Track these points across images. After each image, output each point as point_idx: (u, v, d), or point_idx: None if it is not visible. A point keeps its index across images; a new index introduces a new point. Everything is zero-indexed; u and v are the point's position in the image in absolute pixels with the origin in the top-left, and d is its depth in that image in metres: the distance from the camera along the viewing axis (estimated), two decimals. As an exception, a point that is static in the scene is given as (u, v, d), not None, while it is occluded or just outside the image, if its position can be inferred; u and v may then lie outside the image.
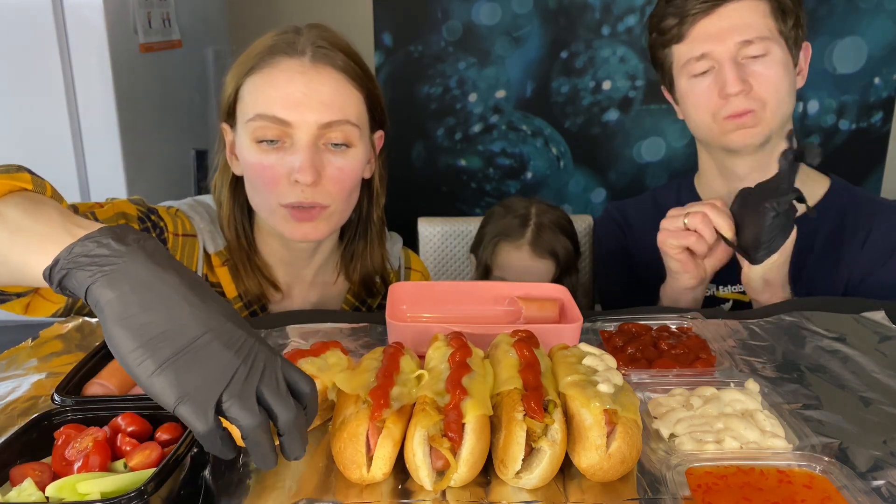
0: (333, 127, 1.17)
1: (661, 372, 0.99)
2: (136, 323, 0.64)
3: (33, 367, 1.03)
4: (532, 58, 2.94)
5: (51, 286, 0.70)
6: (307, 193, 1.18)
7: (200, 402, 0.63)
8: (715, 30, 1.37)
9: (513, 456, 0.73)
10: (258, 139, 1.17)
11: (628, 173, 3.06)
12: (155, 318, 0.65)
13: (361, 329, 1.18)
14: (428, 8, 2.90)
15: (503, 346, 0.89)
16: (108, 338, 0.65)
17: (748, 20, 1.36)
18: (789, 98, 1.41)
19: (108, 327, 0.65)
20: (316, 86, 1.16)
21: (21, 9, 1.67)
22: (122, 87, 1.75)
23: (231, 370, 0.65)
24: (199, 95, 2.28)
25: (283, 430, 0.67)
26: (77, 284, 0.68)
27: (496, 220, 1.91)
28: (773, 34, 1.38)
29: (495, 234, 1.88)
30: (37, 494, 0.68)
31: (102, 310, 0.65)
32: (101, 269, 0.67)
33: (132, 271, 0.67)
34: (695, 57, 1.40)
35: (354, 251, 1.38)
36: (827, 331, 1.15)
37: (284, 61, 1.17)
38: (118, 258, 0.67)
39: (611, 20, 2.88)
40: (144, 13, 1.86)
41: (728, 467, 0.76)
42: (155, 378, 0.63)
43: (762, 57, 1.37)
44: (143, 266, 0.67)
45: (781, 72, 1.39)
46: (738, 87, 1.35)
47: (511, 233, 1.84)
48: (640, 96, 2.95)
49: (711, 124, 1.44)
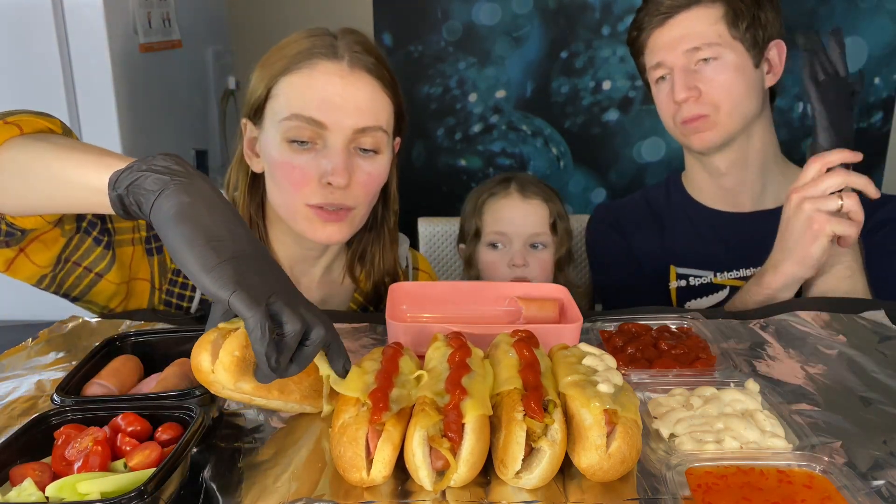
0: (367, 132, 1.19)
1: (661, 372, 0.99)
2: (204, 223, 0.74)
3: (33, 367, 1.02)
4: (532, 58, 2.94)
5: (111, 192, 0.80)
6: (336, 195, 1.19)
7: (254, 294, 0.70)
8: (667, 39, 1.47)
9: (513, 456, 0.73)
10: (290, 139, 1.18)
11: (628, 173, 3.06)
12: (220, 225, 0.75)
13: (361, 329, 1.18)
14: (428, 8, 2.89)
15: (503, 346, 0.89)
16: (174, 237, 0.73)
17: (697, 28, 1.44)
18: (748, 99, 1.46)
19: (177, 225, 0.73)
20: (353, 91, 1.18)
21: (21, 9, 1.67)
22: (122, 87, 1.75)
23: (280, 284, 0.75)
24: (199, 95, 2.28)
25: (316, 339, 0.75)
26: (150, 188, 0.77)
27: (475, 193, 1.86)
28: (723, 39, 1.44)
29: (478, 198, 1.82)
30: (37, 494, 0.68)
31: (174, 210, 0.74)
32: (176, 179, 0.77)
33: (201, 187, 0.78)
34: (652, 65, 1.51)
35: (365, 253, 1.39)
36: (827, 331, 1.15)
37: (323, 63, 1.18)
38: (188, 175, 0.78)
39: (611, 20, 2.88)
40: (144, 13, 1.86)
41: (728, 467, 0.76)
42: (217, 269, 0.71)
43: (712, 61, 1.44)
44: (210, 187, 0.79)
45: (733, 75, 1.44)
46: (683, 93, 1.44)
47: (496, 190, 1.80)
48: (640, 96, 2.95)
49: (674, 128, 1.53)
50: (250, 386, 0.79)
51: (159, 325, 1.16)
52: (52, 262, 1.11)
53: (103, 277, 1.18)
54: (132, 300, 1.25)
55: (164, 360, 0.92)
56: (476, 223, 1.81)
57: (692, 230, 1.61)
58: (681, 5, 1.44)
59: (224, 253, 0.72)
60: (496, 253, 1.76)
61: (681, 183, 1.68)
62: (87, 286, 1.18)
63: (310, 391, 0.88)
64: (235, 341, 0.78)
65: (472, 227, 1.82)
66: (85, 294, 1.19)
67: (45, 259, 1.10)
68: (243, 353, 0.78)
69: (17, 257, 1.07)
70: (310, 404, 0.88)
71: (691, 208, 1.63)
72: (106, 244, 1.17)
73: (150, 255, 1.25)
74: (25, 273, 1.10)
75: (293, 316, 0.73)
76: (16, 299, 1.57)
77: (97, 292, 1.19)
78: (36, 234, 1.07)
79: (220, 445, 0.84)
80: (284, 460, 0.81)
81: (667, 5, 1.46)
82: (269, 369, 0.72)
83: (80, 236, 1.13)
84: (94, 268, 1.16)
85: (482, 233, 1.79)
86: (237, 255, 0.73)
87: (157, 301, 1.28)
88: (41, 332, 1.14)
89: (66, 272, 1.14)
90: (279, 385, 0.83)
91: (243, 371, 0.78)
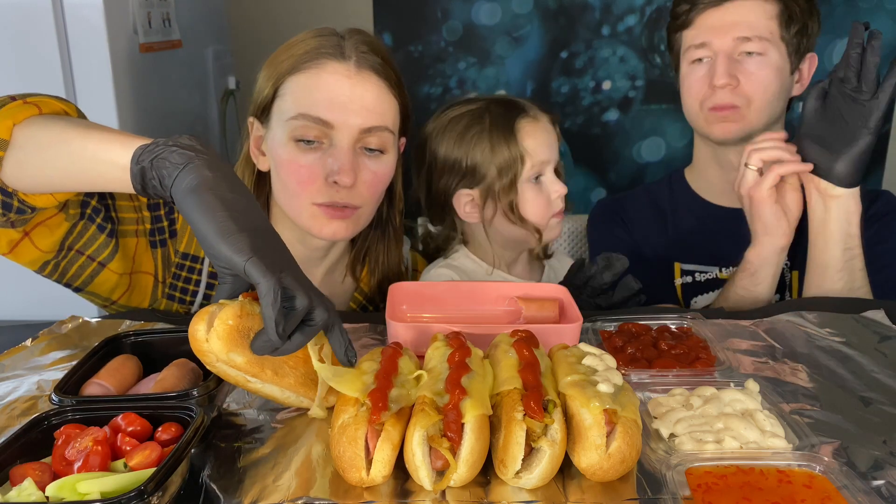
0: (373, 132, 1.20)
1: (661, 372, 0.99)
2: (226, 196, 0.77)
3: (33, 367, 1.02)
4: (532, 58, 2.93)
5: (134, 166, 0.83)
6: (342, 194, 1.20)
7: (269, 264, 0.74)
8: (719, 22, 1.44)
9: (512, 456, 0.73)
10: (297, 138, 1.19)
11: (628, 173, 3.06)
12: (240, 199, 0.78)
13: (361, 329, 1.18)
14: (428, 8, 2.89)
15: (503, 346, 0.89)
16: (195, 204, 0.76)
17: (751, 19, 1.43)
18: (777, 101, 1.46)
19: (200, 194, 0.76)
20: (360, 91, 1.19)
21: (21, 9, 1.66)
22: (122, 87, 1.75)
23: (293, 262, 0.80)
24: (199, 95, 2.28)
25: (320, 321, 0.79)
26: (176, 162, 0.80)
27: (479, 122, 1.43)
28: (773, 37, 1.43)
29: (508, 123, 1.40)
30: (37, 494, 0.68)
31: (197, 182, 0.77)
32: (199, 156, 0.80)
33: (220, 165, 0.81)
34: (695, 44, 1.48)
35: (369, 251, 1.40)
36: (827, 331, 1.15)
37: (331, 64, 1.19)
38: (209, 154, 0.81)
39: (611, 20, 2.88)
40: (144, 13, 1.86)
41: (728, 467, 0.76)
42: (235, 236, 0.74)
43: (757, 56, 1.43)
44: (228, 166, 0.82)
45: (773, 74, 1.44)
46: (724, 79, 1.42)
47: (527, 109, 1.44)
48: (640, 96, 2.95)
49: (698, 112, 1.51)
50: (243, 359, 0.80)
51: (159, 324, 1.16)
52: (56, 248, 1.12)
53: (106, 267, 1.18)
54: (135, 293, 1.25)
55: (163, 360, 0.92)
56: (515, 152, 1.39)
57: (697, 225, 1.62)
58: None
59: (243, 224, 0.75)
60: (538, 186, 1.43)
61: (684, 179, 1.68)
62: (90, 276, 1.18)
63: (305, 379, 0.87)
64: (230, 310, 0.79)
65: (506, 161, 1.39)
66: (87, 284, 1.19)
67: (49, 244, 1.11)
68: (237, 322, 0.79)
69: (21, 240, 1.07)
70: (304, 394, 0.88)
71: (695, 203, 1.64)
72: (109, 231, 1.17)
73: (154, 248, 1.25)
74: (28, 257, 1.11)
75: (302, 291, 0.76)
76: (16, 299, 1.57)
77: (99, 283, 1.19)
78: (41, 219, 1.07)
79: (220, 445, 0.84)
80: (284, 460, 0.81)
81: None
82: (275, 335, 0.74)
83: (84, 223, 1.14)
84: (97, 256, 1.17)
85: (525, 164, 1.40)
86: (255, 229, 0.76)
87: (161, 294, 1.28)
88: (41, 332, 1.14)
89: (69, 260, 1.15)
90: (273, 365, 0.83)
91: (237, 342, 0.79)
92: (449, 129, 1.45)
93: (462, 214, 1.46)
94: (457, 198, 1.45)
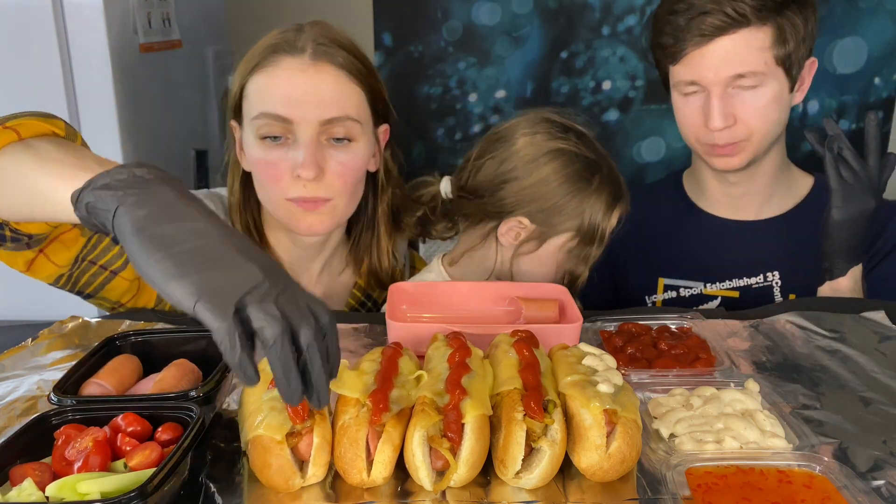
0: (335, 123, 1.19)
1: (661, 372, 0.99)
2: (162, 233, 0.68)
3: (33, 367, 1.02)
4: (532, 58, 2.93)
5: (76, 212, 0.75)
6: (310, 188, 1.19)
7: (220, 301, 0.64)
8: (709, 60, 1.34)
9: (513, 456, 0.73)
10: (262, 136, 1.19)
11: (628, 173, 3.02)
12: (180, 231, 0.69)
13: (361, 329, 1.18)
14: (428, 8, 2.89)
15: (503, 346, 0.89)
16: (133, 253, 0.68)
17: (743, 54, 1.32)
18: (779, 125, 1.41)
19: (134, 241, 0.68)
20: (316, 83, 1.18)
21: (21, 9, 1.66)
22: (122, 87, 1.75)
23: (253, 279, 0.66)
24: (199, 95, 2.28)
25: (305, 344, 0.66)
26: (106, 207, 0.72)
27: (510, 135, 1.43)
28: (768, 67, 1.34)
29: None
30: (37, 494, 0.68)
31: (130, 226, 0.69)
32: (131, 191, 0.72)
33: (161, 195, 0.72)
34: (685, 81, 1.39)
35: (360, 243, 1.39)
36: (827, 331, 1.15)
37: (285, 60, 1.19)
38: (147, 185, 0.73)
39: (611, 20, 2.88)
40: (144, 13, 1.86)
41: (728, 467, 0.76)
42: (176, 280, 0.65)
43: (753, 88, 1.35)
44: (171, 192, 0.73)
45: (772, 104, 1.37)
46: (721, 123, 1.35)
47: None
48: (640, 96, 2.95)
49: (695, 143, 1.45)
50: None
51: (159, 324, 1.16)
52: (71, 262, 1.12)
53: (118, 275, 1.18)
54: (142, 295, 1.26)
55: (163, 361, 0.92)
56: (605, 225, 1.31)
57: (689, 236, 1.59)
58: (729, 25, 1.31)
59: (182, 259, 0.67)
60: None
61: (681, 181, 1.66)
62: (102, 283, 1.18)
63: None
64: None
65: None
66: (98, 291, 1.19)
67: (65, 259, 1.10)
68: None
69: (36, 258, 1.07)
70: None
71: (690, 213, 1.61)
72: None
73: None
74: (44, 273, 1.10)
75: (270, 318, 0.64)
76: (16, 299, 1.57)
77: (111, 289, 1.20)
78: (56, 234, 1.07)
79: (220, 445, 0.84)
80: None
81: (714, 24, 1.31)
82: (245, 382, 0.65)
83: (99, 236, 1.14)
84: (110, 266, 1.17)
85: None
86: (201, 259, 0.67)
87: None
88: (41, 332, 1.14)
89: (82, 270, 1.15)
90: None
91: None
92: (552, 159, 1.32)
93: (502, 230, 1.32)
94: (513, 218, 1.30)
